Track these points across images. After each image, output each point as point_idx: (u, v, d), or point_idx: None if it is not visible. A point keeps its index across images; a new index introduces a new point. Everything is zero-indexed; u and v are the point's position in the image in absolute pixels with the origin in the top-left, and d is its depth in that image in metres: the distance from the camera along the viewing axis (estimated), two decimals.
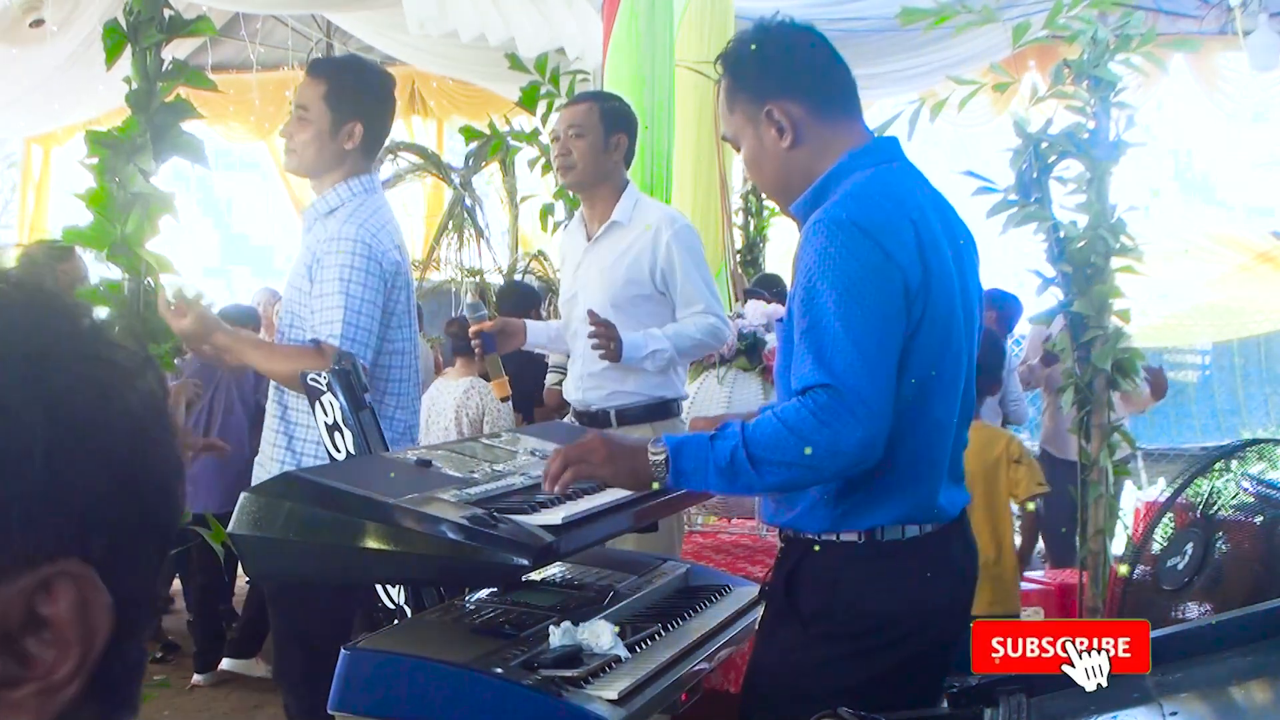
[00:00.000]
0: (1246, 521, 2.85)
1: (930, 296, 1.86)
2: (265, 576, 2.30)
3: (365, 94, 2.85)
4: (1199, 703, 1.50)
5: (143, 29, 2.80)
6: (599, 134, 3.41)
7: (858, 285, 1.80)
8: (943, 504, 1.96)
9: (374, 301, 2.68)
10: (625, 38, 4.55)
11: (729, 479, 1.82)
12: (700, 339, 3.29)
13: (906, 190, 1.94)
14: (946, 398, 1.94)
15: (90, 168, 2.82)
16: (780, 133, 1.98)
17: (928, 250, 1.87)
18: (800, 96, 1.99)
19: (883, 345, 1.80)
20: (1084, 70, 3.54)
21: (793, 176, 2.01)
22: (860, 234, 1.81)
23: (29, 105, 9.23)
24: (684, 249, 3.32)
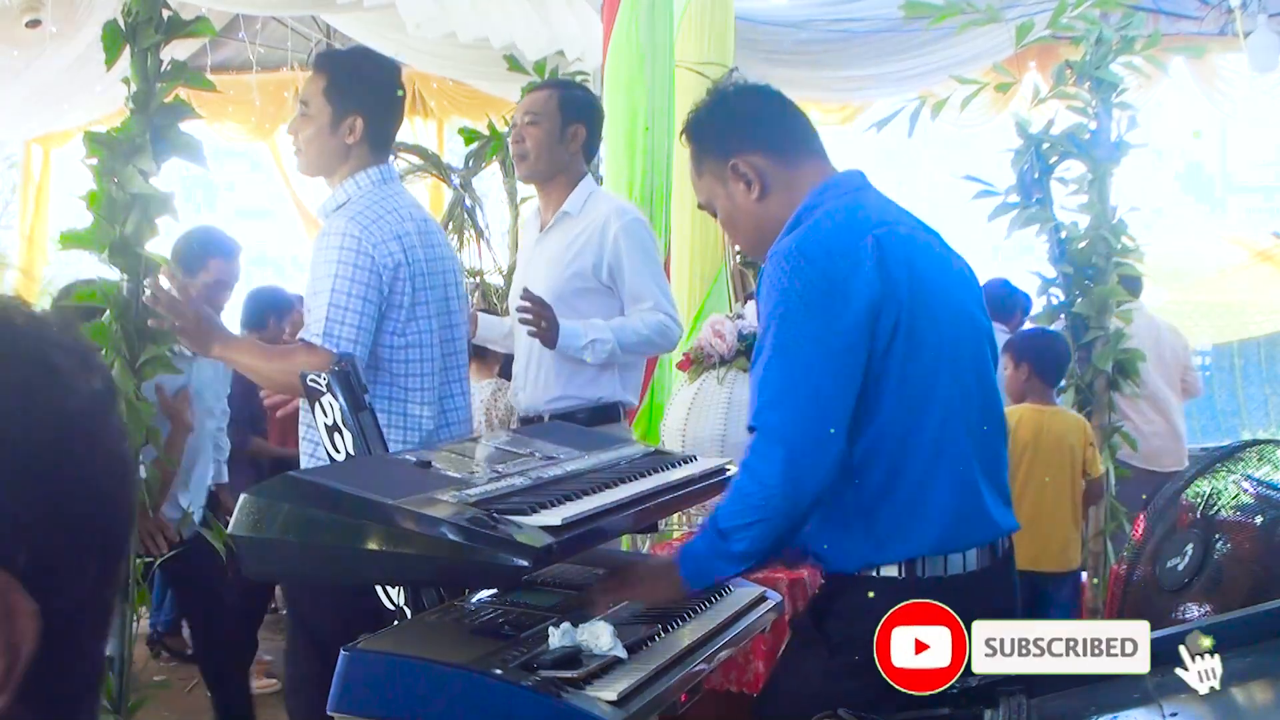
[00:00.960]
0: (1246, 522, 2.85)
1: (906, 309, 1.86)
2: (264, 578, 2.30)
3: (365, 86, 2.78)
4: (1199, 703, 1.50)
5: (142, 30, 2.80)
6: (555, 122, 3.30)
7: (797, 314, 1.84)
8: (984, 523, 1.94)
9: (363, 297, 2.61)
10: (625, 38, 4.55)
11: (714, 560, 1.93)
12: (647, 335, 3.17)
13: (870, 213, 1.96)
14: (950, 413, 1.92)
15: (90, 168, 2.82)
16: (748, 185, 2.04)
17: (894, 265, 1.87)
18: (761, 147, 2.05)
19: (815, 375, 1.83)
20: (1086, 71, 3.54)
21: (766, 226, 2.05)
22: (804, 261, 1.86)
23: (29, 106, 9.23)
24: (632, 242, 3.21)
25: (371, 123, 2.76)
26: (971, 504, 1.94)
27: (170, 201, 2.86)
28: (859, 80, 8.06)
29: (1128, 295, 3.74)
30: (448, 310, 2.78)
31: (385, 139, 2.87)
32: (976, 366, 1.99)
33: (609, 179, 4.55)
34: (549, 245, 3.33)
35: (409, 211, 2.76)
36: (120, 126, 2.81)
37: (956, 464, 1.93)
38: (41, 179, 10.46)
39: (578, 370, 3.22)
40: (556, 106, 3.33)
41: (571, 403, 3.26)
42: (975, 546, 1.93)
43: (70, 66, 8.16)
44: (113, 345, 2.88)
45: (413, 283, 2.69)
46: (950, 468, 1.92)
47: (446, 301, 2.77)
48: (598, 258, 3.22)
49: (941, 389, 1.90)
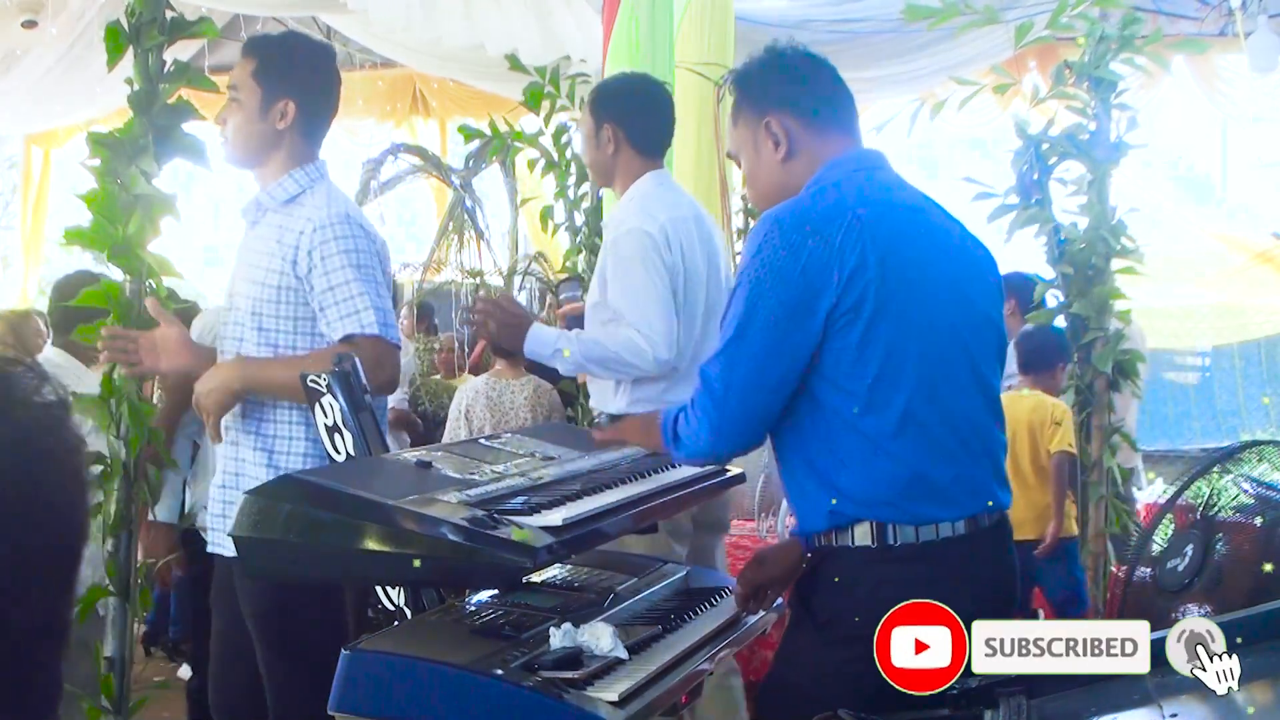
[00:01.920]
0: (1246, 523, 2.85)
1: (875, 285, 1.90)
2: (265, 578, 2.30)
3: (296, 69, 2.66)
4: (1199, 704, 1.51)
5: (144, 31, 2.80)
6: (590, 130, 3.26)
7: (763, 282, 1.92)
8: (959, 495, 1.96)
9: (387, 284, 2.58)
10: (625, 39, 4.56)
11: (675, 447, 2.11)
12: (615, 352, 3.00)
13: (866, 191, 1.99)
14: (924, 396, 1.94)
15: (91, 169, 2.82)
16: (776, 145, 2.08)
17: (871, 244, 1.90)
18: (797, 112, 2.09)
19: (768, 340, 1.92)
20: (1085, 71, 3.54)
21: (785, 188, 2.08)
22: (779, 233, 1.93)
23: (29, 106, 9.23)
24: (615, 258, 3.09)
25: (304, 108, 2.62)
26: (944, 475, 1.96)
27: (173, 202, 2.86)
28: (859, 81, 8.04)
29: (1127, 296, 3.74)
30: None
31: (318, 128, 2.70)
32: (964, 345, 2.00)
33: None
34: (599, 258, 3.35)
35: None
36: (123, 127, 2.81)
37: (925, 435, 1.95)
38: (41, 179, 10.46)
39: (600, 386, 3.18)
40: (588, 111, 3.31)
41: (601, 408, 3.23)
42: (950, 520, 1.95)
43: (71, 67, 8.17)
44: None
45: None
46: (918, 438, 1.94)
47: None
48: (602, 269, 3.17)
49: (912, 363, 1.93)
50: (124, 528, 2.89)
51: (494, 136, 5.12)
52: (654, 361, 2.99)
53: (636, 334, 2.99)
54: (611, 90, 3.41)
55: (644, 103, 3.27)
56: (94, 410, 2.88)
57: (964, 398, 2.00)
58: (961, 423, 2.00)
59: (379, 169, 7.95)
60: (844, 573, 1.95)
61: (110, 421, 2.87)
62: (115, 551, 2.88)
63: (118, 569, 2.88)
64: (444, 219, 8.19)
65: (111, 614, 2.91)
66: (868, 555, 1.93)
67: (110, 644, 2.89)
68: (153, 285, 2.86)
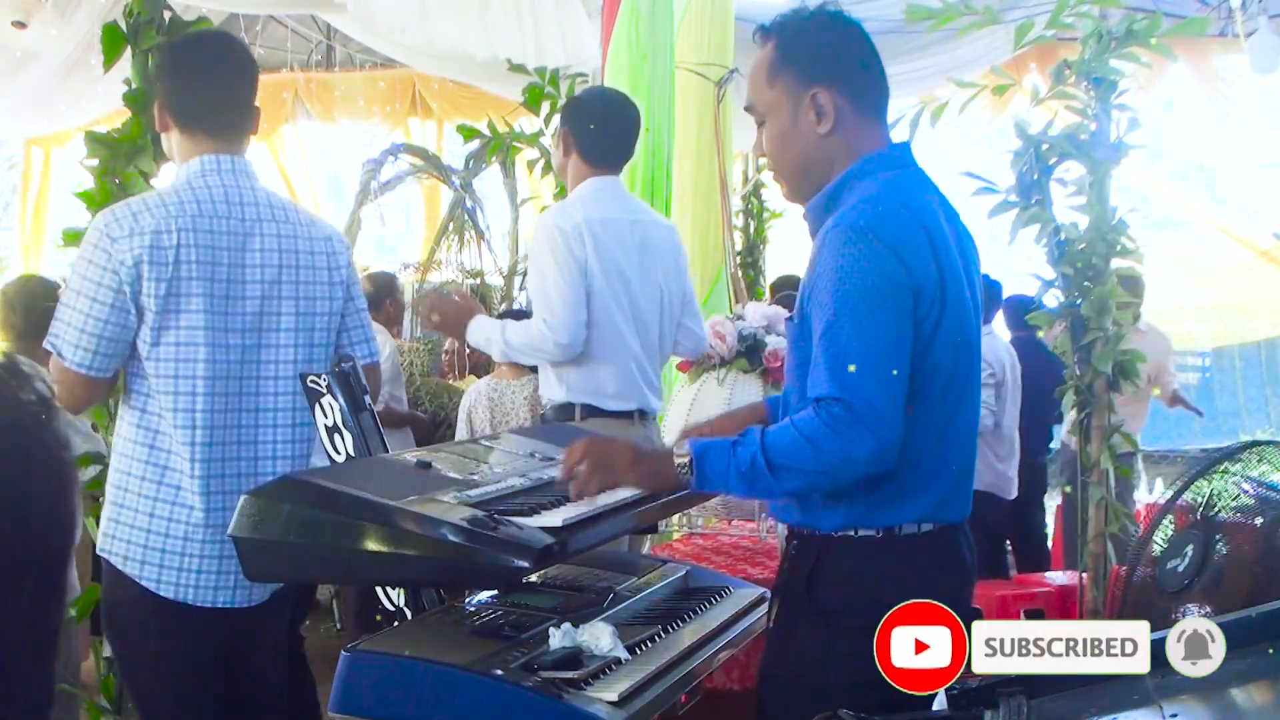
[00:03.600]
0: (1246, 523, 2.85)
1: (946, 301, 1.90)
2: (265, 578, 2.29)
3: (163, 70, 2.58)
4: (1199, 704, 1.50)
5: (143, 31, 2.80)
6: (557, 132, 3.54)
7: (873, 295, 1.85)
8: (959, 504, 1.99)
9: (99, 300, 2.36)
10: (625, 39, 4.56)
11: (749, 483, 1.88)
12: (527, 339, 3.28)
13: (919, 196, 1.98)
14: (968, 398, 1.99)
15: (90, 169, 2.82)
16: (819, 118, 2.00)
17: (941, 256, 1.91)
18: (847, 89, 2.01)
19: (895, 356, 1.85)
20: (1085, 70, 3.54)
21: (816, 163, 2.03)
22: (878, 242, 1.85)
23: (29, 107, 9.23)
24: (531, 252, 3.43)
25: (171, 104, 2.50)
26: (965, 483, 2.01)
27: None
28: None
29: (1127, 296, 3.74)
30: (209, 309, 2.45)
31: (198, 115, 2.50)
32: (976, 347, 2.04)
33: None
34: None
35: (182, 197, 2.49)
36: (121, 127, 2.81)
37: (962, 455, 1.99)
38: (41, 179, 10.47)
39: (544, 373, 3.45)
40: (560, 117, 3.56)
41: (545, 398, 3.50)
42: (956, 515, 1.99)
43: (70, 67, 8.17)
44: None
45: (171, 270, 2.43)
46: (956, 458, 1.97)
47: (209, 295, 2.45)
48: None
49: (959, 386, 1.95)
50: None
51: (493, 136, 5.12)
52: (555, 346, 3.25)
53: (541, 323, 3.26)
54: (578, 100, 3.69)
55: (600, 116, 3.48)
56: (94, 409, 2.88)
57: (975, 401, 2.05)
58: (973, 426, 2.04)
59: (379, 169, 7.95)
60: (850, 563, 1.95)
61: (110, 421, 2.87)
62: None
63: None
64: (444, 219, 8.19)
65: None
66: (873, 545, 1.94)
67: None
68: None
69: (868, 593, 1.90)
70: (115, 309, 2.36)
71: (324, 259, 2.54)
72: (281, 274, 2.49)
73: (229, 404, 2.44)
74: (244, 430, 2.46)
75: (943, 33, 3.74)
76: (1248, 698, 1.52)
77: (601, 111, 3.53)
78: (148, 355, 2.40)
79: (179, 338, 2.40)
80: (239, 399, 2.46)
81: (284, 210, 2.53)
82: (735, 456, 1.87)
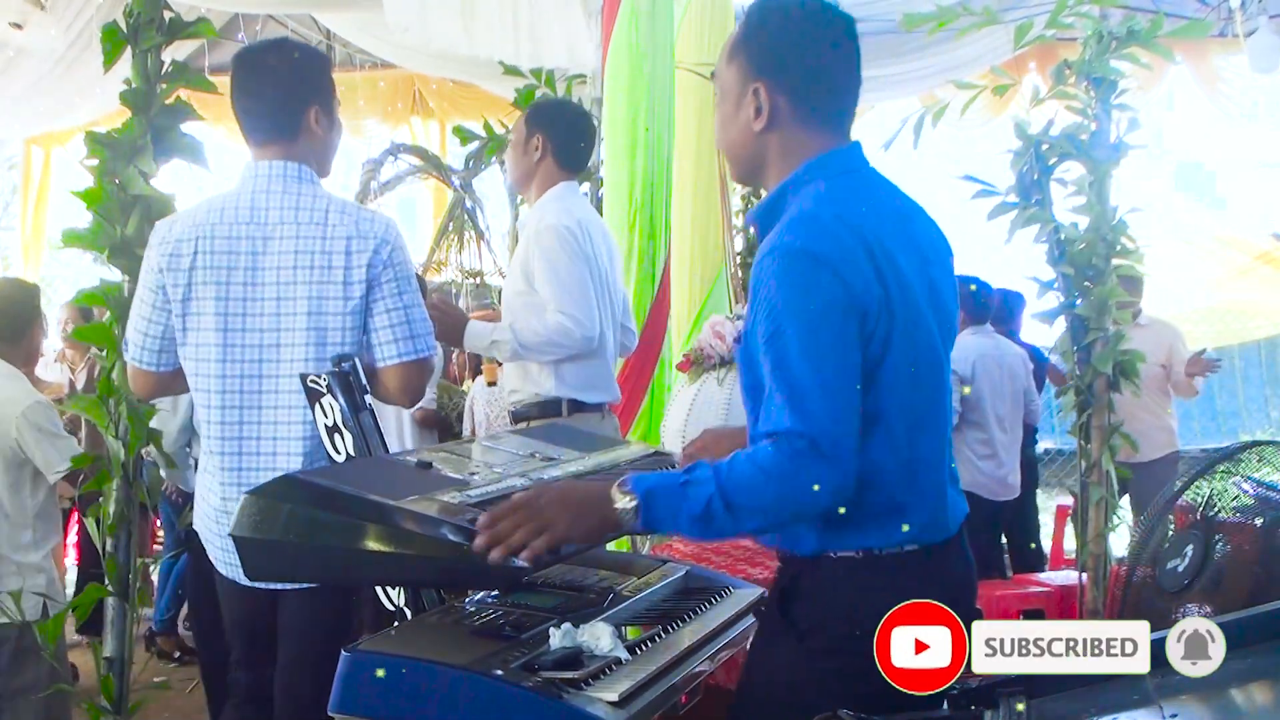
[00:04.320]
0: (1246, 524, 2.85)
1: (894, 316, 1.83)
2: (265, 578, 2.30)
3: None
4: (1199, 704, 1.50)
5: (143, 31, 2.80)
6: (521, 136, 3.65)
7: (818, 320, 1.77)
8: (942, 520, 1.93)
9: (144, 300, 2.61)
10: (625, 39, 4.55)
11: (703, 525, 1.79)
12: (548, 335, 3.39)
13: (862, 205, 1.90)
14: (932, 412, 1.91)
15: (90, 169, 2.82)
16: (757, 113, 1.95)
17: (885, 268, 1.83)
18: (790, 90, 1.94)
19: (848, 383, 1.78)
20: (1085, 70, 3.54)
21: (745, 156, 1.99)
22: (815, 264, 1.78)
23: (29, 107, 9.23)
24: (540, 250, 3.46)
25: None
26: (937, 504, 1.92)
27: (171, 203, 2.86)
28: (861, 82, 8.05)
29: (1127, 296, 3.75)
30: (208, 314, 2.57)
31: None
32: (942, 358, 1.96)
33: (609, 179, 4.55)
34: (515, 257, 3.68)
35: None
36: (121, 127, 2.81)
37: (931, 471, 1.91)
38: (42, 179, 10.46)
39: (525, 366, 3.54)
40: (523, 122, 3.68)
41: (522, 396, 3.59)
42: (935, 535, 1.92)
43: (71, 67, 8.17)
44: (114, 346, 2.88)
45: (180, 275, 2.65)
46: (926, 476, 1.90)
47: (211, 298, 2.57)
48: (525, 265, 3.52)
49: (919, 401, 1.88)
50: (123, 527, 2.89)
51: (490, 137, 5.12)
52: (581, 339, 3.42)
53: (563, 316, 3.39)
54: (546, 107, 3.90)
55: (572, 124, 3.71)
56: (94, 410, 2.88)
57: (944, 413, 1.97)
58: (944, 439, 1.97)
59: (379, 169, 7.95)
60: (826, 582, 1.89)
61: (109, 421, 2.87)
62: (114, 551, 2.88)
63: (117, 569, 2.88)
64: (444, 219, 8.20)
65: (111, 614, 2.91)
66: (851, 564, 1.88)
67: (110, 644, 2.89)
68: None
69: (843, 612, 1.86)
70: (155, 309, 2.58)
71: (341, 258, 2.53)
72: (296, 275, 2.52)
73: (245, 401, 2.53)
74: (262, 427, 2.54)
75: (942, 33, 3.73)
76: (1248, 698, 1.52)
77: (575, 120, 3.74)
78: (180, 355, 2.59)
79: (197, 339, 2.55)
80: (257, 396, 2.53)
81: (310, 212, 2.55)
82: (687, 498, 1.78)
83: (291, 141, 2.60)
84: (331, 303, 2.53)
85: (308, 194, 2.58)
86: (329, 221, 2.55)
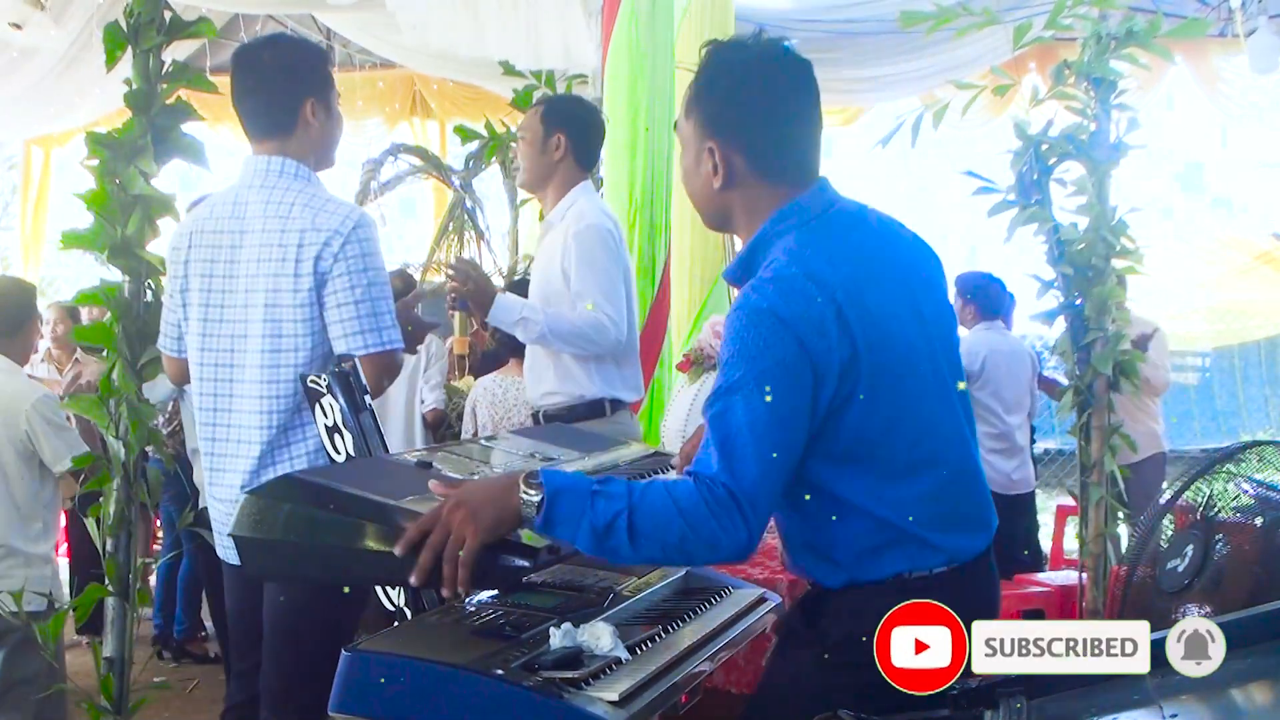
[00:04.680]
0: (1246, 524, 2.85)
1: (872, 365, 1.83)
2: (265, 578, 2.30)
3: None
4: (1199, 705, 1.50)
5: (143, 31, 2.80)
6: (538, 135, 3.55)
7: (769, 380, 1.77)
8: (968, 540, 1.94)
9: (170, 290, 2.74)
10: (625, 39, 4.56)
11: (598, 541, 1.78)
12: (580, 327, 3.35)
13: (833, 254, 1.88)
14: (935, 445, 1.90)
15: (90, 169, 2.82)
16: (714, 170, 1.94)
17: (855, 326, 1.82)
18: (744, 148, 1.93)
19: (783, 449, 1.78)
20: (1085, 70, 3.54)
21: (713, 210, 2.00)
22: (776, 324, 1.78)
23: (29, 107, 9.23)
24: (580, 247, 3.39)
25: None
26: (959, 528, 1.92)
27: (172, 203, 2.86)
28: (859, 81, 8.07)
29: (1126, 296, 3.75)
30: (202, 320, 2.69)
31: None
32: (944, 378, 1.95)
33: (609, 179, 4.55)
34: (541, 255, 3.61)
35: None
36: (122, 128, 2.81)
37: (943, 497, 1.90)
38: (41, 180, 10.46)
39: (567, 367, 3.47)
40: (539, 120, 3.57)
41: (561, 398, 3.49)
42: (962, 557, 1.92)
43: (70, 67, 8.17)
44: (115, 346, 2.88)
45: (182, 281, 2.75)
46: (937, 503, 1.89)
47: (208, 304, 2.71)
48: (564, 264, 3.43)
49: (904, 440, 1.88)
50: (123, 528, 2.89)
51: (491, 137, 5.13)
52: (613, 340, 3.37)
53: (601, 314, 3.34)
54: (566, 105, 3.77)
55: (590, 122, 3.66)
56: (94, 410, 2.88)
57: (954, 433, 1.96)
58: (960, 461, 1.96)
59: (379, 169, 7.95)
60: (857, 603, 1.89)
61: (109, 421, 2.87)
62: (115, 551, 2.88)
63: (117, 569, 2.88)
64: (444, 219, 8.19)
65: (111, 614, 2.91)
66: (880, 587, 1.88)
67: (110, 644, 2.89)
68: (151, 285, 2.86)
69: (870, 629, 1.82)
70: (171, 297, 2.72)
71: (294, 250, 2.54)
72: (260, 268, 2.57)
73: (218, 390, 2.63)
74: (232, 415, 2.62)
75: (943, 32, 3.73)
76: (1248, 698, 1.52)
77: (592, 118, 3.68)
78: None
79: (187, 331, 2.68)
80: (229, 385, 2.61)
81: (278, 206, 2.58)
82: (593, 508, 1.77)
83: (288, 136, 2.65)
84: (285, 294, 2.55)
85: (283, 188, 2.60)
86: (290, 215, 2.57)
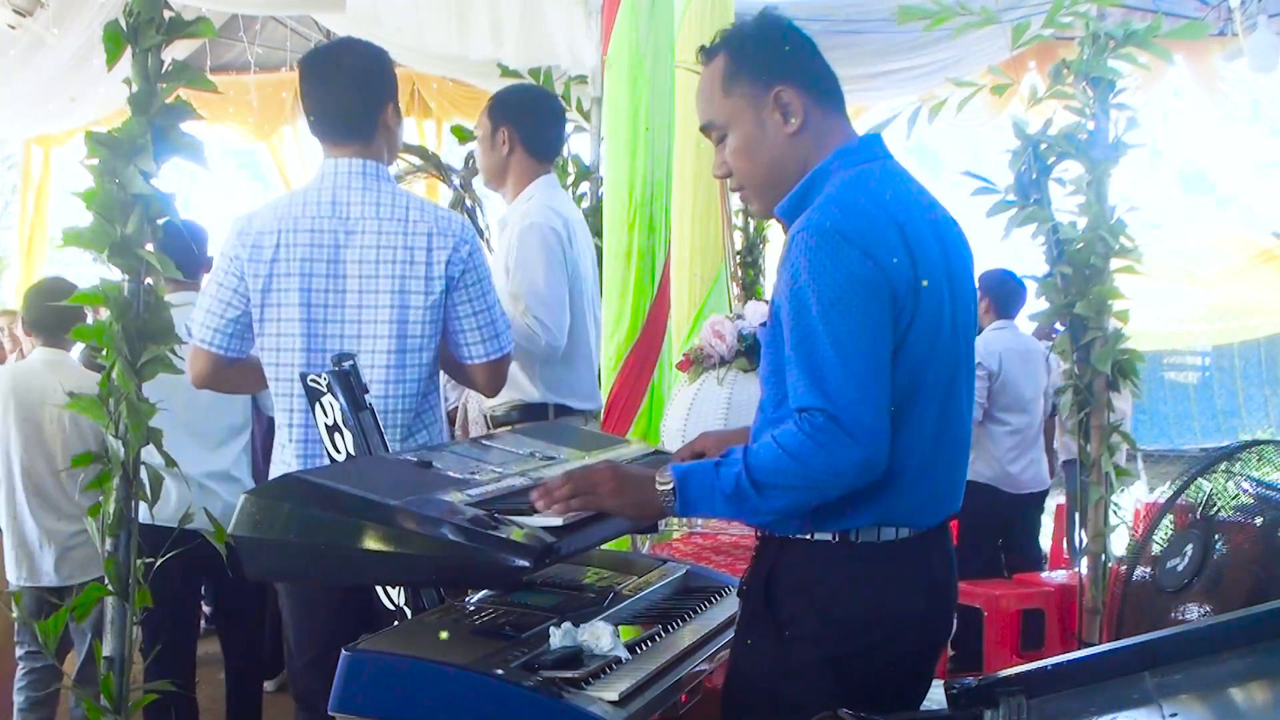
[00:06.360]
0: (1246, 523, 2.85)
1: (920, 299, 1.83)
2: (265, 578, 2.30)
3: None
4: (1199, 704, 1.50)
5: (143, 30, 2.80)
6: (486, 131, 3.52)
7: (845, 299, 1.77)
8: (924, 511, 1.91)
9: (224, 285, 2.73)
10: (625, 38, 4.55)
11: (736, 505, 1.82)
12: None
13: (891, 189, 1.91)
14: (933, 402, 1.89)
15: (90, 169, 2.82)
16: (786, 117, 1.95)
17: (915, 251, 1.83)
18: (806, 84, 1.97)
19: (874, 361, 1.78)
20: (1083, 70, 3.54)
21: (789, 165, 1.97)
22: (845, 243, 1.78)
23: (28, 106, 9.23)
24: (520, 247, 3.36)
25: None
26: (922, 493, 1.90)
27: (171, 202, 2.86)
28: (859, 80, 8.06)
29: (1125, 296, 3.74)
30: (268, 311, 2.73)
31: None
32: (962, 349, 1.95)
33: (609, 179, 4.54)
34: (497, 251, 3.55)
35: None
36: (121, 127, 2.81)
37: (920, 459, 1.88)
38: (41, 179, 10.46)
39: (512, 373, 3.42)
40: (486, 116, 3.54)
41: (502, 402, 3.45)
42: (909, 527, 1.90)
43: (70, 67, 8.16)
44: (114, 345, 2.88)
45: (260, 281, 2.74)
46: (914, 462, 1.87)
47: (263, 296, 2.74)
48: (507, 262, 3.40)
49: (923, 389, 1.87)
50: (123, 527, 2.88)
51: None
52: (545, 346, 3.31)
53: (532, 320, 3.27)
54: (509, 97, 3.68)
55: (538, 110, 3.58)
56: (94, 410, 2.88)
57: (962, 404, 1.96)
58: (957, 430, 1.96)
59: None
60: (803, 570, 1.89)
61: (109, 421, 2.87)
62: (114, 551, 2.88)
63: (117, 568, 2.87)
64: None
65: (111, 614, 2.91)
66: (828, 551, 1.87)
67: (110, 644, 2.89)
68: (151, 285, 2.86)
69: (821, 604, 1.86)
70: (234, 292, 2.69)
71: (423, 254, 2.65)
72: (379, 269, 2.65)
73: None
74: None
75: (943, 31, 3.74)
76: (1248, 697, 1.52)
77: (540, 105, 3.61)
78: (257, 345, 2.70)
79: (279, 329, 2.66)
80: None
81: (391, 208, 2.68)
82: (719, 479, 1.81)
83: (370, 139, 2.74)
84: (414, 296, 2.65)
85: (387, 191, 2.71)
86: (410, 218, 2.68)
